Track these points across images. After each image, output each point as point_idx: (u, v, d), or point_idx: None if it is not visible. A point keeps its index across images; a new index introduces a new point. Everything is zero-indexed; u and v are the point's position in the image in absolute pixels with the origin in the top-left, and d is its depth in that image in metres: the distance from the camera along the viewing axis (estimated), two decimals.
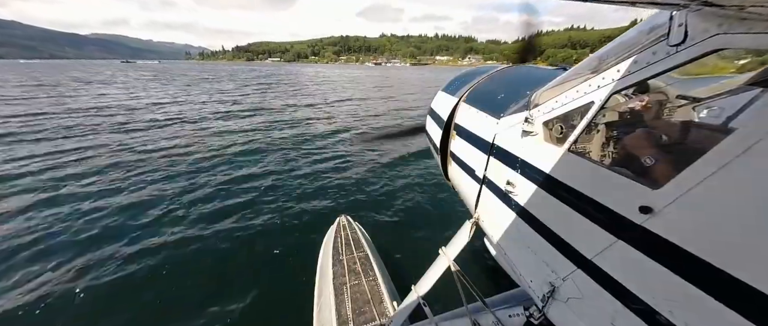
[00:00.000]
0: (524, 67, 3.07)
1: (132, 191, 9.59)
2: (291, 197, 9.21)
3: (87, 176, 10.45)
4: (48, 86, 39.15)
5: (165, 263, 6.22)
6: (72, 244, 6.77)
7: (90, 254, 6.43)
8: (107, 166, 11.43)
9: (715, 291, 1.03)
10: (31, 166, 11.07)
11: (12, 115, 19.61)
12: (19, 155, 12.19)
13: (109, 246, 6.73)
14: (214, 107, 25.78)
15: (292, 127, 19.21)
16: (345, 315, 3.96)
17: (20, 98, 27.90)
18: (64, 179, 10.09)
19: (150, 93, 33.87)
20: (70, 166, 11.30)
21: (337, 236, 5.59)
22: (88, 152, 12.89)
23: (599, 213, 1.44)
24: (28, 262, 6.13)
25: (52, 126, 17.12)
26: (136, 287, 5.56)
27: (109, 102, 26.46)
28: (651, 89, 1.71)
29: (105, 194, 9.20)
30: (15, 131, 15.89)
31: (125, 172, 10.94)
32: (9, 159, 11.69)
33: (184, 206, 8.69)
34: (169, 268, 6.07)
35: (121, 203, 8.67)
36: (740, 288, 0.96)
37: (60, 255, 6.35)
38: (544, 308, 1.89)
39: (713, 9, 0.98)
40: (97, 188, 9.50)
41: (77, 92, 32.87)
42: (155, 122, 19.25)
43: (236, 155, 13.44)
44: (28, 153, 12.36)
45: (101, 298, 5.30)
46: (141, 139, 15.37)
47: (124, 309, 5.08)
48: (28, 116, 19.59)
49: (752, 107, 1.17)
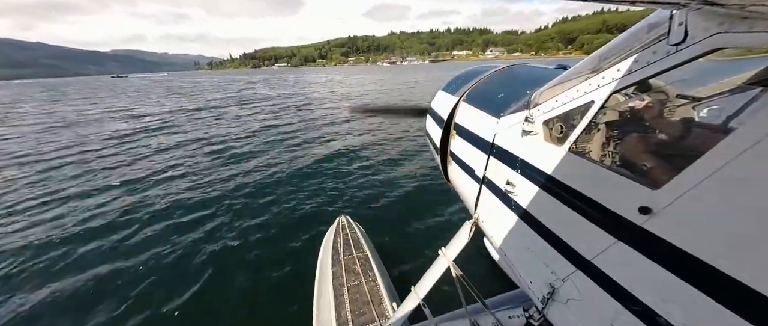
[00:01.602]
0: (524, 66, 3.07)
1: (129, 191, 9.61)
2: (290, 197, 9.20)
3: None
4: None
5: (165, 263, 6.23)
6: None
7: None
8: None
9: (714, 292, 1.02)
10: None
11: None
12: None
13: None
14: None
15: (292, 128, 19.23)
16: (344, 316, 3.94)
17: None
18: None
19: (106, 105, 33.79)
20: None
21: (337, 236, 5.58)
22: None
23: (599, 214, 1.43)
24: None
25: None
26: (130, 287, 5.56)
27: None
28: (651, 89, 1.70)
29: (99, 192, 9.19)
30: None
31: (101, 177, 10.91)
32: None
33: (184, 207, 8.71)
34: (170, 268, 6.08)
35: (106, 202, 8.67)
36: (740, 289, 0.95)
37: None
38: (544, 309, 1.88)
39: (714, 8, 0.97)
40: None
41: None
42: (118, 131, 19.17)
43: (233, 156, 13.47)
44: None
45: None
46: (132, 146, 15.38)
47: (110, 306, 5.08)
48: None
49: (752, 107, 1.16)
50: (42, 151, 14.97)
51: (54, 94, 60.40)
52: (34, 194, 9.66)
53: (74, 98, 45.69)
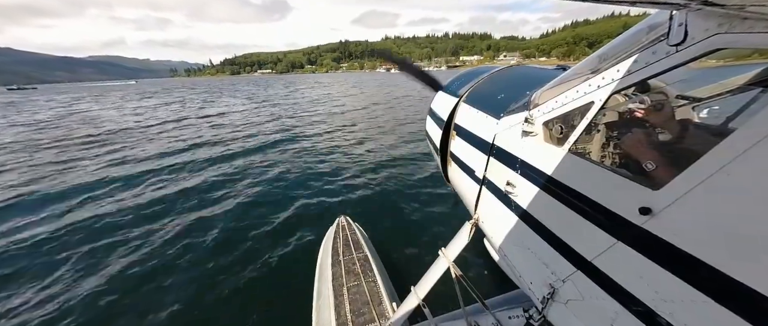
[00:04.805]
0: (524, 67, 3.07)
1: (127, 192, 9.59)
2: (290, 197, 9.21)
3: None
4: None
5: (165, 263, 6.22)
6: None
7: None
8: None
9: (715, 293, 1.02)
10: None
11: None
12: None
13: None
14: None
15: (291, 126, 19.23)
16: (344, 316, 3.94)
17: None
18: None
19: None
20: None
21: (337, 236, 5.58)
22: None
23: (599, 214, 1.43)
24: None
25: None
26: (130, 284, 5.56)
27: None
28: (651, 89, 1.70)
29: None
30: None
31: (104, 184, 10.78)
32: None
33: (185, 206, 8.71)
34: (169, 268, 6.07)
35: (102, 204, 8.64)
36: (740, 289, 0.95)
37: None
38: (544, 310, 1.88)
39: (713, 8, 0.97)
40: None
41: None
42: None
43: (231, 157, 13.47)
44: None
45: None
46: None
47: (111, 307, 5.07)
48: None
49: (752, 107, 1.16)
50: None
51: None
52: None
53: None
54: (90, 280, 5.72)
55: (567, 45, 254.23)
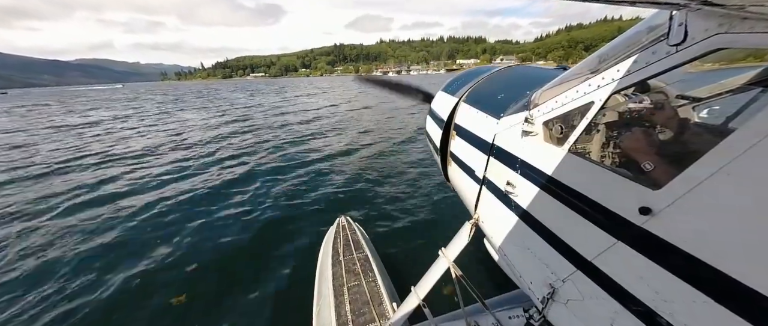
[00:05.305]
0: (524, 67, 3.07)
1: (129, 193, 9.59)
2: (290, 198, 9.21)
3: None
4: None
5: (165, 263, 6.22)
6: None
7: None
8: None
9: (715, 293, 1.02)
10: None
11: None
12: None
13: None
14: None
15: (291, 127, 19.22)
16: (344, 316, 3.94)
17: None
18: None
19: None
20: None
21: (337, 236, 5.58)
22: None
23: (599, 214, 1.43)
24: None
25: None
26: (133, 289, 5.56)
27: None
28: (651, 89, 1.70)
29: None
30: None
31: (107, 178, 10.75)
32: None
33: (184, 205, 8.71)
34: (168, 268, 6.07)
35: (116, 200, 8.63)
36: (741, 289, 0.95)
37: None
38: (544, 309, 1.88)
39: (713, 8, 0.97)
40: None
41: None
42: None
43: (231, 157, 13.47)
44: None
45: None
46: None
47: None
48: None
49: (752, 107, 1.16)
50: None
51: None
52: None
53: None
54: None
55: (563, 49, 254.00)
